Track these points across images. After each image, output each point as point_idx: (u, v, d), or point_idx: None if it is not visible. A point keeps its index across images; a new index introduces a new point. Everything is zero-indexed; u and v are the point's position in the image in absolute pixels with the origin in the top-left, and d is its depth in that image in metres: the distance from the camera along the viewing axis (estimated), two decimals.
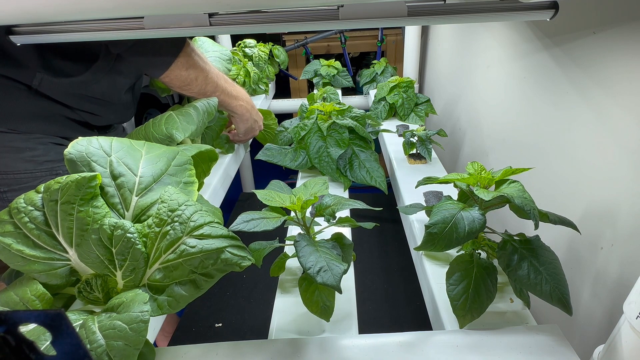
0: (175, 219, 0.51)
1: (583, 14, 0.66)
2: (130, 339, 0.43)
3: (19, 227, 0.52)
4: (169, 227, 0.51)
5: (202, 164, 0.75)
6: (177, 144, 0.79)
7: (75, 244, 0.52)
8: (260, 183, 2.38)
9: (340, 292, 0.54)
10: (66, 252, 0.52)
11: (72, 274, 0.53)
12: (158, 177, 0.58)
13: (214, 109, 0.92)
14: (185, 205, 0.52)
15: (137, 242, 0.50)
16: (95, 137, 0.60)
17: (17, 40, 0.66)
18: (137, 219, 0.56)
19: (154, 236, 0.51)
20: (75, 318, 0.48)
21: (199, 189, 0.71)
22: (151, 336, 0.61)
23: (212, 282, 0.50)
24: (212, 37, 1.94)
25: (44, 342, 0.43)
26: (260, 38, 1.87)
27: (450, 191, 0.88)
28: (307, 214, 0.67)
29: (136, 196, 0.56)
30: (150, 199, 0.57)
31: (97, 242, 0.50)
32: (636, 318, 0.40)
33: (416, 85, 1.64)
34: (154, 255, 0.51)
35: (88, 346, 0.42)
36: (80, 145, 0.58)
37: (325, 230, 0.74)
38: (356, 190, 2.16)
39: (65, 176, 0.53)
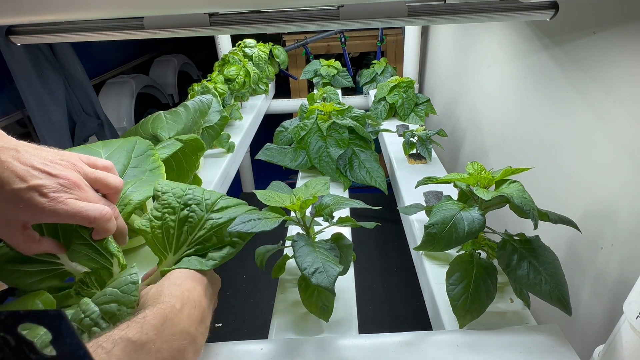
0: (189, 202, 0.55)
1: (583, 14, 0.66)
2: (122, 300, 0.44)
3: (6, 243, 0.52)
4: (186, 212, 0.54)
5: (191, 156, 0.73)
6: None
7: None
8: (260, 183, 2.38)
9: (333, 294, 0.53)
10: (57, 257, 0.52)
11: (68, 275, 0.54)
12: (122, 173, 0.58)
13: (207, 107, 0.90)
14: (189, 189, 0.56)
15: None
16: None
17: (17, 40, 0.66)
18: None
19: (173, 223, 0.54)
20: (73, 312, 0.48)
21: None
22: None
23: (244, 243, 0.57)
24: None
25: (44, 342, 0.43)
26: (260, 38, 1.86)
27: (450, 191, 0.88)
28: (307, 214, 0.67)
29: None
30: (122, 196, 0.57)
31: (81, 242, 0.51)
32: (636, 318, 0.40)
33: (416, 85, 1.63)
34: (179, 238, 0.54)
35: (82, 315, 0.43)
36: None
37: (325, 230, 0.74)
38: (356, 190, 2.16)
39: None
